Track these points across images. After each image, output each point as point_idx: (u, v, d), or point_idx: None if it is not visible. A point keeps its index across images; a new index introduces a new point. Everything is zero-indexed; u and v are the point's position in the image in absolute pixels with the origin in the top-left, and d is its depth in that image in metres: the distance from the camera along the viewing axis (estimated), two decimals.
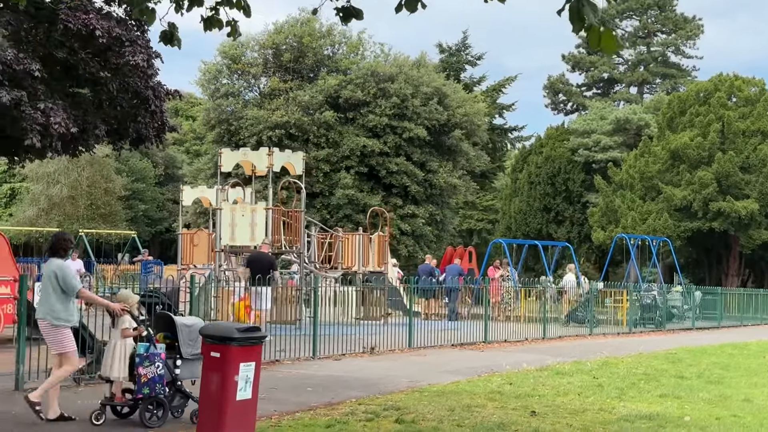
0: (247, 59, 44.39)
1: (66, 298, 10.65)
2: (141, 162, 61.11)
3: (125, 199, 57.36)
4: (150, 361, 10.54)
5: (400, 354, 19.16)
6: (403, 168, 42.27)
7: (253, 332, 7.83)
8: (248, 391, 7.70)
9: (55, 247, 10.91)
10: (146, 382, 10.47)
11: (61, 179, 53.02)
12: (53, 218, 51.87)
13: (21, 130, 25.12)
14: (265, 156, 23.27)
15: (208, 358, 7.69)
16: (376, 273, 27.63)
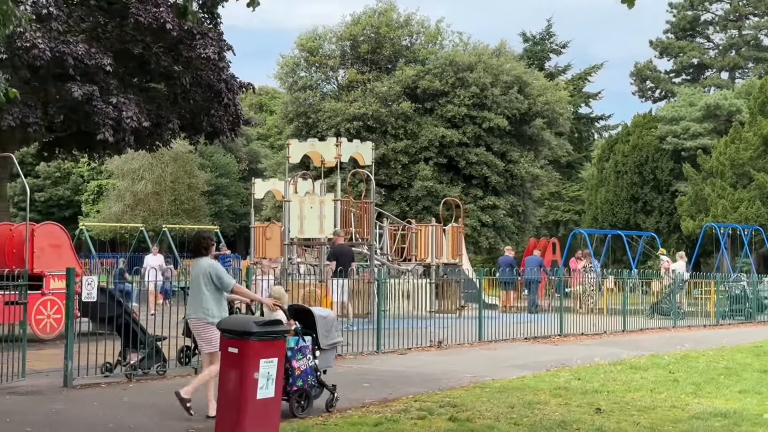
0: (324, 51, 44.11)
1: (219, 296, 10.55)
2: (225, 157, 61.39)
3: (209, 194, 57.65)
4: (302, 353, 10.67)
5: (469, 348, 18.54)
6: (483, 158, 41.50)
7: (274, 326, 7.30)
8: (270, 390, 7.18)
9: (198, 246, 10.86)
10: (299, 374, 10.62)
11: (146, 175, 53.51)
12: (138, 214, 52.36)
13: (93, 124, 25.18)
14: (333, 146, 22.83)
15: (225, 354, 7.19)
16: (450, 265, 27.00)
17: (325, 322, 11.26)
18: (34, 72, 24.63)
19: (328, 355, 11.45)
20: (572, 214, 64.75)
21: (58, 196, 59.01)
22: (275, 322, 7.43)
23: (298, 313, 11.23)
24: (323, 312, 11.55)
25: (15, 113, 24.30)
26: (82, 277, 12.32)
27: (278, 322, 7.42)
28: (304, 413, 10.57)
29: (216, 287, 10.50)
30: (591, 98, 65.92)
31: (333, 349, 11.63)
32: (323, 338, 11.18)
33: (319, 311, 11.55)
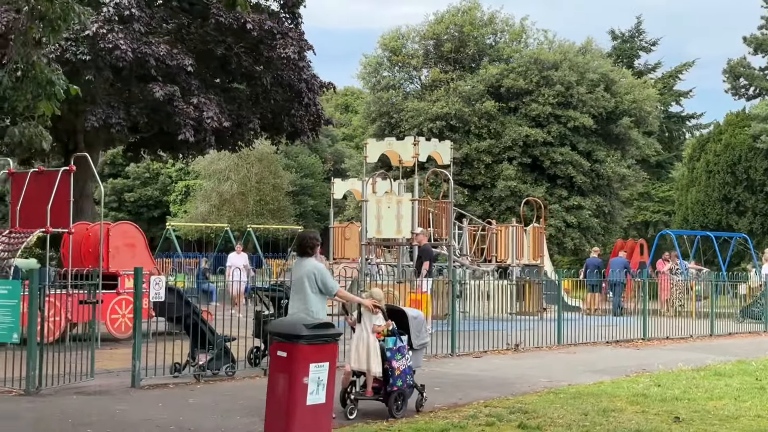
0: (407, 51, 43.87)
1: (323, 297, 10.53)
2: (310, 158, 61.57)
3: (294, 194, 57.86)
4: (401, 353, 10.78)
5: (547, 351, 18.07)
6: (568, 158, 40.79)
7: (325, 329, 7.03)
8: (321, 395, 6.91)
9: (303, 246, 10.75)
10: (399, 374, 10.71)
11: (232, 176, 53.95)
12: (224, 214, 52.81)
13: (175, 125, 25.35)
14: (411, 146, 22.54)
15: (274, 358, 6.94)
16: (531, 266, 26.48)
17: (417, 322, 11.36)
18: (117, 73, 24.89)
19: (418, 355, 11.52)
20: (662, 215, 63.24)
21: (147, 197, 59.84)
22: (326, 325, 7.14)
23: (391, 314, 11.16)
24: (414, 312, 11.59)
25: (98, 114, 24.59)
26: (150, 277, 12.23)
27: (329, 326, 7.14)
28: (400, 413, 10.59)
29: (320, 290, 10.45)
30: (682, 96, 64.41)
31: (422, 349, 11.70)
32: (415, 338, 11.23)
33: (411, 312, 11.57)
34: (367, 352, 10.60)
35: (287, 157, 58.76)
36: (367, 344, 10.63)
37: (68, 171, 15.86)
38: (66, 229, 15.88)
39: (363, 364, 10.60)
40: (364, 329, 10.71)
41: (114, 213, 59.19)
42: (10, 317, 11.09)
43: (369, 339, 10.65)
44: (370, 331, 10.69)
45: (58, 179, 15.61)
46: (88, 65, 23.55)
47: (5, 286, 11.29)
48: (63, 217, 15.63)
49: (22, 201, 16.14)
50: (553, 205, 40.73)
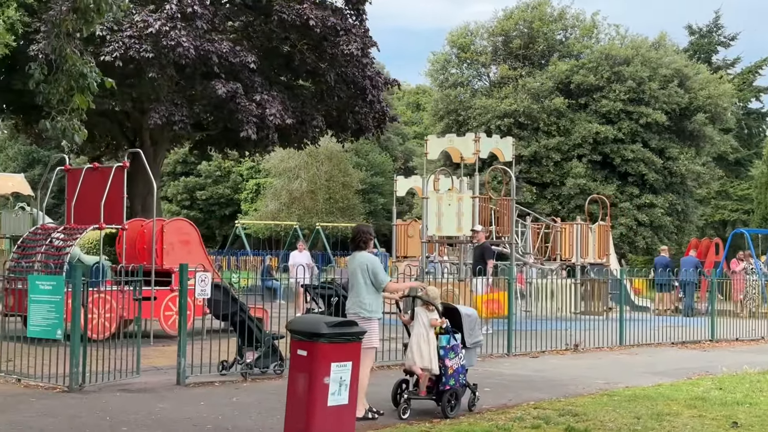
0: (475, 47, 43.47)
1: (376, 291, 10.38)
2: (380, 156, 61.38)
3: (363, 192, 57.74)
4: (455, 352, 10.66)
5: (608, 352, 17.56)
6: (639, 155, 39.99)
7: (348, 327, 6.74)
8: (344, 396, 6.62)
9: (356, 240, 10.63)
10: (452, 373, 10.56)
11: (301, 174, 54.01)
12: (293, 212, 52.87)
13: (237, 122, 25.36)
14: (472, 142, 22.16)
15: (294, 357, 6.68)
16: (596, 265, 25.90)
17: (470, 320, 11.17)
18: (181, 71, 24.99)
19: (472, 353, 11.30)
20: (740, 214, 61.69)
21: (219, 195, 60.23)
22: (349, 324, 6.86)
23: (445, 312, 10.96)
24: (468, 310, 11.41)
25: (161, 112, 24.72)
26: (196, 273, 12.11)
27: (352, 324, 6.85)
28: (453, 413, 10.40)
29: (372, 282, 10.29)
30: (762, 93, 62.73)
31: (476, 348, 11.51)
32: (468, 337, 11.05)
33: (465, 310, 11.39)
34: (429, 350, 10.46)
35: (357, 155, 58.68)
36: (428, 341, 10.50)
37: (122, 167, 15.85)
38: (119, 226, 15.89)
39: (426, 362, 10.43)
40: (423, 326, 10.54)
41: (186, 211, 59.75)
42: (54, 313, 11.05)
43: (429, 336, 10.52)
44: (428, 328, 10.52)
45: (111, 175, 15.59)
46: (151, 63, 23.66)
47: (49, 282, 11.26)
48: (116, 214, 15.63)
49: (77, 197, 16.17)
50: (624, 203, 39.98)
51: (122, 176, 15.75)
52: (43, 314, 11.10)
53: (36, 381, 11.56)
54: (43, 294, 11.13)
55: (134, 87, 25.01)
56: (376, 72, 29.35)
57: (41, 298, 11.14)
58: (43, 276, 12.97)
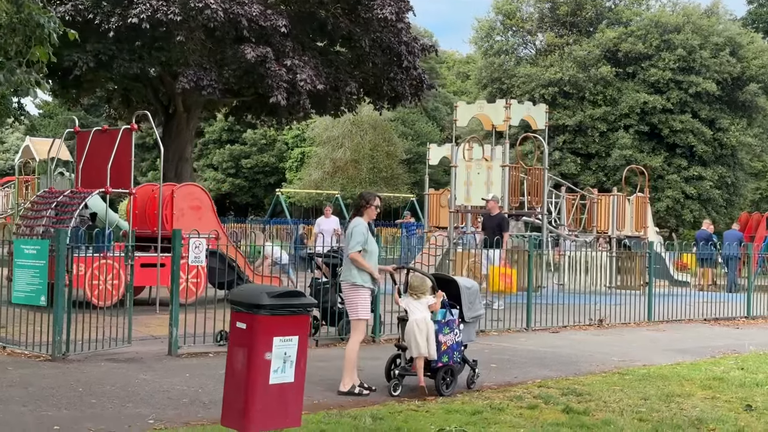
0: (521, 14, 42.50)
1: (365, 257, 9.86)
2: (427, 125, 60.61)
3: (408, 162, 57.06)
4: (449, 327, 10.08)
5: (634, 328, 16.82)
6: (688, 126, 38.85)
7: (293, 298, 6.14)
8: (288, 373, 6.03)
9: (355, 204, 10.32)
10: (446, 350, 10.00)
11: (345, 143, 53.44)
12: (337, 181, 52.42)
13: (267, 87, 24.84)
14: (503, 108, 21.41)
15: (233, 330, 6.12)
16: (633, 237, 25.07)
17: (470, 293, 10.52)
18: (210, 34, 24.51)
19: (471, 328, 10.67)
20: None
21: (264, 163, 59.90)
22: (295, 294, 6.25)
23: (442, 284, 10.38)
24: (468, 283, 10.75)
25: (189, 76, 24.25)
26: (189, 240, 11.63)
27: (298, 294, 6.23)
28: (449, 391, 9.85)
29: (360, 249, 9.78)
30: None
31: (475, 322, 10.93)
32: (467, 310, 10.43)
33: (464, 281, 10.74)
34: (424, 338, 9.77)
35: (404, 124, 57.99)
36: (421, 329, 9.79)
37: (129, 129, 15.40)
38: (126, 190, 15.47)
39: (423, 350, 9.74)
40: (414, 314, 9.88)
41: (231, 179, 59.69)
42: (38, 279, 10.65)
43: (420, 324, 9.80)
44: (420, 315, 9.84)
45: (118, 138, 15.16)
46: (179, 25, 23.21)
47: (34, 246, 10.84)
48: (124, 177, 15.20)
49: (84, 160, 15.78)
50: (671, 175, 38.94)
51: (130, 139, 15.30)
52: (27, 279, 10.71)
53: (21, 349, 11.19)
54: (27, 258, 10.73)
55: (163, 50, 24.58)
56: (413, 38, 28.58)
57: (26, 263, 10.74)
58: (28, 240, 12.58)
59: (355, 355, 9.78)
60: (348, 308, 10.09)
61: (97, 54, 23.71)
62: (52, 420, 7.92)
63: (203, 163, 61.11)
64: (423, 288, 9.99)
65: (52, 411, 8.26)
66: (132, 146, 15.28)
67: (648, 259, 18.37)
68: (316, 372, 10.90)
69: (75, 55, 23.53)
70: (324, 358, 11.95)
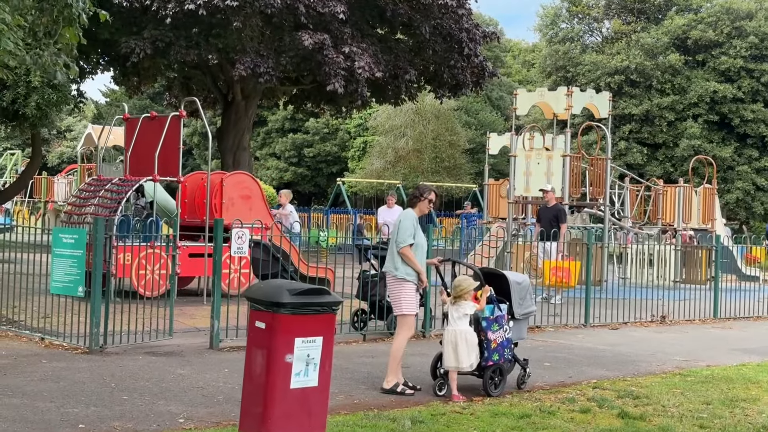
0: (588, 1, 41.56)
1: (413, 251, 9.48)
2: (491, 115, 59.84)
3: (472, 152, 56.35)
4: (498, 324, 9.52)
5: (699, 325, 16.11)
6: (760, 116, 37.71)
7: (317, 296, 5.65)
8: (312, 377, 5.54)
9: (408, 197, 9.90)
10: (495, 347, 9.45)
11: (408, 132, 52.90)
12: (399, 171, 51.95)
13: (324, 74, 24.49)
14: (564, 96, 20.72)
15: (252, 330, 5.67)
16: (701, 230, 24.23)
17: (520, 288, 9.94)
18: (268, 21, 24.23)
19: (522, 325, 10.12)
20: None
21: (326, 152, 59.64)
22: (320, 291, 5.76)
23: (491, 278, 9.86)
24: (518, 278, 10.17)
25: (246, 63, 23.98)
26: (232, 229, 11.28)
27: (323, 292, 5.72)
28: (497, 391, 9.36)
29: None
30: None
31: (526, 319, 10.34)
32: (517, 307, 9.87)
33: (514, 276, 10.15)
34: (466, 349, 9.20)
35: (467, 114, 57.31)
36: (465, 340, 9.22)
37: (178, 116, 15.10)
38: (175, 178, 15.18)
39: (464, 363, 9.15)
40: (451, 319, 9.35)
41: (294, 168, 59.56)
42: (76, 269, 10.35)
43: (460, 335, 9.23)
44: (457, 324, 9.28)
45: (167, 125, 14.86)
46: (236, 12, 22.95)
47: (72, 234, 10.54)
48: (172, 165, 14.91)
49: (132, 147, 15.51)
50: (742, 166, 37.83)
51: (178, 126, 15.00)
52: (65, 269, 10.41)
53: (59, 340, 10.91)
54: (65, 248, 10.44)
55: (220, 37, 24.33)
56: (474, 24, 28.00)
57: (64, 252, 10.45)
58: (66, 228, 12.32)
59: (400, 353, 9.33)
60: (392, 302, 9.63)
61: (154, 41, 23.55)
62: (77, 417, 7.59)
63: (266, 152, 61.06)
64: (463, 289, 9.28)
65: (79, 408, 7.93)
66: (180, 133, 14.98)
67: (714, 252, 17.58)
68: (360, 368, 10.51)
69: (132, 41, 23.43)
70: (371, 353, 11.54)
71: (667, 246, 21.61)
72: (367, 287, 12.88)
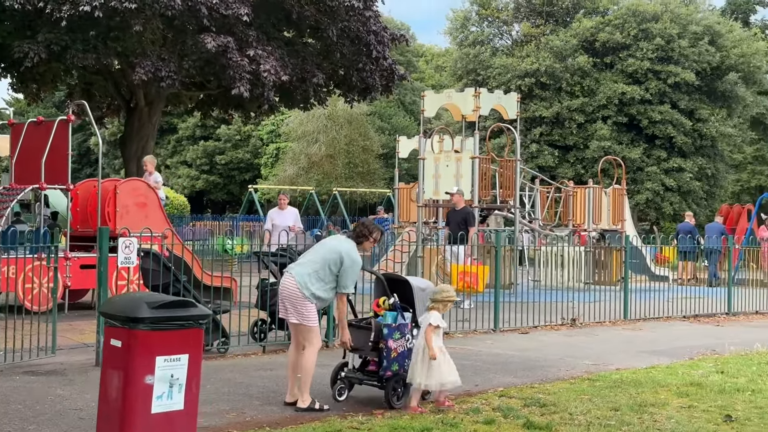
0: (497, 4, 41.56)
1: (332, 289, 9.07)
2: (404, 119, 59.61)
3: (386, 157, 56.03)
4: (400, 332, 9.13)
5: (609, 327, 15.89)
6: (667, 117, 38.03)
7: (181, 308, 5.07)
8: (176, 399, 4.96)
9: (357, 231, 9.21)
10: (396, 357, 9.06)
11: (320, 138, 52.34)
12: (312, 177, 51.37)
13: (229, 78, 23.83)
14: (472, 98, 20.44)
15: (107, 349, 5.07)
16: (610, 231, 24.18)
17: (424, 295, 9.41)
18: (169, 23, 23.49)
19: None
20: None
21: (238, 159, 58.80)
22: (184, 304, 5.18)
23: (394, 285, 9.44)
24: (422, 283, 9.66)
25: (147, 67, 23.18)
26: (119, 238, 10.63)
27: (187, 304, 5.13)
28: (400, 402, 8.95)
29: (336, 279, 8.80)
30: None
31: None
32: (421, 314, 9.35)
33: (417, 282, 9.64)
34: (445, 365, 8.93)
35: (380, 119, 57.01)
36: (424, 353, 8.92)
37: (66, 121, 14.33)
38: (64, 186, 14.42)
39: (448, 379, 8.88)
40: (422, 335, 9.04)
41: (205, 176, 58.68)
42: None
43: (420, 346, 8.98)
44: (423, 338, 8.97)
45: (53, 130, 14.09)
46: (135, 14, 22.13)
47: None
48: (61, 173, 14.14)
49: (18, 155, 14.71)
50: (651, 167, 38.14)
51: (66, 131, 14.22)
52: None
53: None
54: None
55: (119, 41, 23.50)
56: (382, 27, 27.56)
57: None
58: None
59: (313, 367, 8.85)
60: (292, 310, 8.94)
61: (48, 44, 22.58)
62: None
63: (177, 160, 59.97)
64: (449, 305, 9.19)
65: None
66: (69, 139, 14.18)
67: (624, 253, 17.43)
68: (256, 382, 9.99)
69: (26, 45, 22.44)
70: (270, 366, 11.04)
71: (576, 247, 21.44)
72: (266, 296, 12.34)
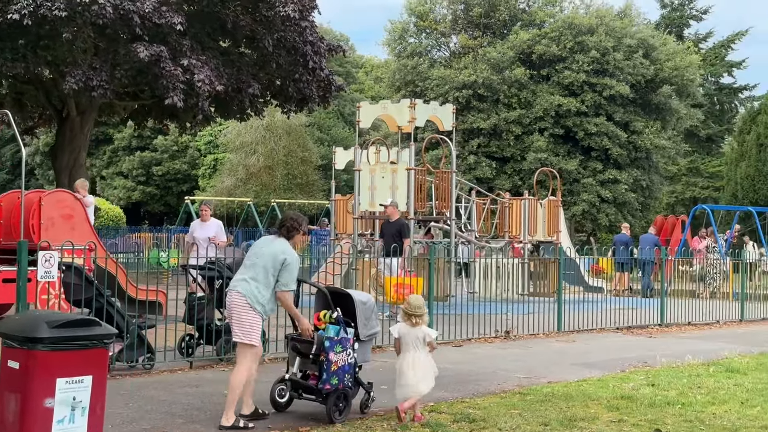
0: (434, 15, 41.63)
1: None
2: (343, 131, 59.52)
3: (324, 168, 55.85)
4: (342, 346, 9.01)
5: (543, 339, 15.87)
6: (603, 129, 38.38)
7: (84, 327, 4.84)
8: (79, 423, 4.71)
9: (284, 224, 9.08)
10: (336, 370, 8.92)
11: (259, 149, 52.03)
12: (250, 188, 51.02)
13: (162, 88, 23.48)
14: (407, 109, 20.38)
15: (4, 371, 4.81)
16: (546, 243, 24.26)
17: (365, 308, 9.45)
18: (101, 32, 23.09)
19: (366, 347, 9.64)
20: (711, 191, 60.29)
21: (176, 170, 58.17)
22: (88, 322, 4.95)
23: (337, 298, 9.35)
24: (363, 297, 9.67)
25: (77, 76, 22.73)
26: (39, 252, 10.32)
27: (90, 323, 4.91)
28: (341, 417, 8.86)
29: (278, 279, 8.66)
30: (734, 67, 61.12)
31: (371, 340, 9.82)
32: (363, 327, 9.37)
33: (359, 296, 9.63)
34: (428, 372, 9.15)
35: (320, 130, 56.88)
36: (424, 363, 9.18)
37: None
38: None
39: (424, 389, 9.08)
40: (413, 347, 9.15)
41: (142, 187, 58.01)
42: None
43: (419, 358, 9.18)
44: (419, 352, 9.18)
45: None
46: (65, 22, 21.71)
47: None
48: None
49: None
50: (587, 178, 38.45)
51: None
52: None
53: None
54: None
55: (49, 49, 23.05)
56: (319, 37, 27.39)
57: None
58: None
59: (242, 386, 8.60)
60: (236, 328, 8.71)
61: None
62: None
63: (112, 170, 59.18)
64: (421, 310, 9.22)
65: None
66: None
67: (558, 264, 17.43)
68: (181, 399, 9.74)
69: None
70: (196, 382, 10.78)
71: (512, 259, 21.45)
72: (194, 310, 12.08)
